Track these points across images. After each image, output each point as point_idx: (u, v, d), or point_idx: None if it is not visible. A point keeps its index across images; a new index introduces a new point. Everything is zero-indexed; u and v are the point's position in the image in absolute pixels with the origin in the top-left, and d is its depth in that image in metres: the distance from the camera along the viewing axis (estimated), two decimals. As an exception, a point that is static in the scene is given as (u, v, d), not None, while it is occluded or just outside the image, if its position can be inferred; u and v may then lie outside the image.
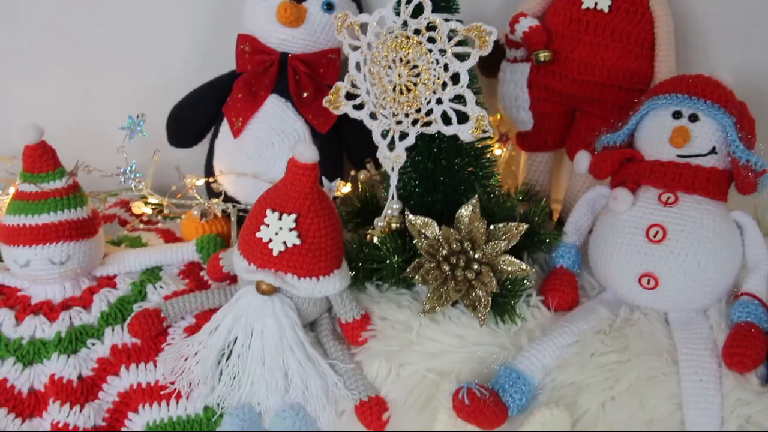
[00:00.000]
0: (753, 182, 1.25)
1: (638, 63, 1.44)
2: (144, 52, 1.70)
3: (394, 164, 1.31)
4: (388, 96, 1.28)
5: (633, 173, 1.31)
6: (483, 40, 1.20)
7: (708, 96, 1.27)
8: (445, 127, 1.25)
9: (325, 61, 1.52)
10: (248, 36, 1.53)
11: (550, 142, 1.58)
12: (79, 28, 1.68)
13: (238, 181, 1.51)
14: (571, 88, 1.47)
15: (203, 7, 1.66)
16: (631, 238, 1.26)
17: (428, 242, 1.26)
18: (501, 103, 1.57)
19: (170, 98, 1.59)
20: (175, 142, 1.61)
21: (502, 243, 1.24)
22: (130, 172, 1.48)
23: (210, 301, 1.32)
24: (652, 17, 1.44)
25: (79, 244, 1.30)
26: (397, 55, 1.25)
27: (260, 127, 1.50)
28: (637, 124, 1.33)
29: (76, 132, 1.71)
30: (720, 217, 1.26)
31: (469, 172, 1.34)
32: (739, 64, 1.53)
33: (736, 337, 1.18)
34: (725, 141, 1.27)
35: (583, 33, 1.44)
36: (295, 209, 1.17)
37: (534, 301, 1.29)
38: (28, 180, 1.29)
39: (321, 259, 1.19)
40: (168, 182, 1.57)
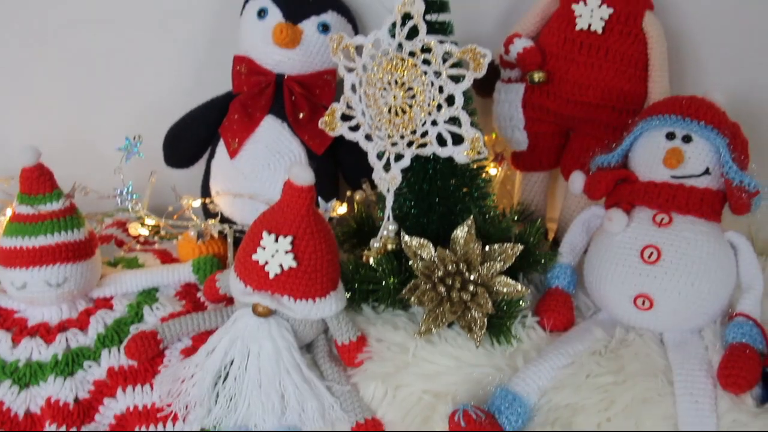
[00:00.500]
0: (746, 203, 1.26)
1: (632, 83, 1.45)
2: (141, 73, 1.71)
3: (389, 186, 1.32)
4: (383, 117, 1.29)
5: (627, 194, 1.32)
6: (477, 62, 1.21)
7: (701, 117, 1.27)
8: (440, 149, 1.26)
9: (321, 82, 1.52)
10: (244, 57, 1.53)
11: (544, 161, 1.58)
12: (76, 49, 1.69)
13: (234, 201, 1.51)
14: (566, 109, 1.48)
15: (200, 29, 1.67)
16: (626, 259, 1.26)
17: (424, 264, 1.27)
18: (496, 123, 1.57)
19: (167, 119, 1.60)
20: (172, 162, 1.62)
21: (498, 264, 1.25)
22: (126, 194, 1.48)
23: (206, 322, 1.32)
24: (645, 38, 1.45)
25: (76, 266, 1.31)
26: (392, 77, 1.26)
27: (256, 148, 1.50)
28: (631, 144, 1.34)
29: (73, 152, 1.71)
30: (714, 238, 1.26)
31: (464, 193, 1.34)
32: (732, 85, 1.53)
33: (731, 358, 1.18)
34: (718, 162, 1.27)
35: (577, 54, 1.45)
36: (291, 231, 1.18)
37: (529, 322, 1.29)
38: (25, 202, 1.30)
39: (317, 281, 1.20)
40: (165, 203, 1.58)
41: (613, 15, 1.43)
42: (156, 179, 1.54)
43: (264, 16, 1.50)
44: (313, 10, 1.51)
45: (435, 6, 1.27)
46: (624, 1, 1.43)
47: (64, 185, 1.34)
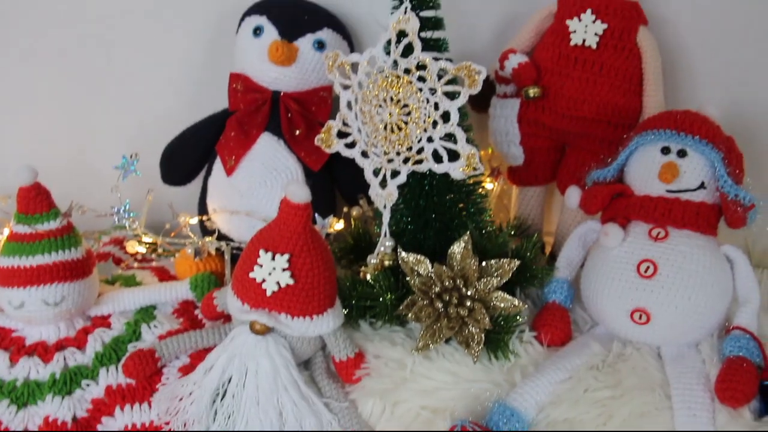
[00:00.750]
0: (742, 217, 1.26)
1: (627, 98, 1.45)
2: (138, 91, 1.71)
3: (386, 202, 1.33)
4: (379, 134, 1.29)
5: (623, 208, 1.32)
6: (472, 78, 1.22)
7: (696, 132, 1.28)
8: (436, 165, 1.27)
9: (317, 99, 1.53)
10: (240, 75, 1.54)
11: (540, 176, 1.59)
12: (72, 67, 1.70)
13: (231, 219, 1.52)
14: (561, 124, 1.49)
15: (196, 46, 1.68)
16: (623, 274, 1.26)
17: (421, 280, 1.27)
18: (492, 138, 1.58)
19: (164, 137, 1.60)
20: (169, 180, 1.62)
21: (495, 279, 1.25)
22: (124, 212, 1.48)
23: (204, 340, 1.32)
24: (639, 53, 1.45)
25: (74, 284, 1.31)
26: (387, 94, 1.26)
27: (253, 165, 1.51)
28: (626, 159, 1.34)
29: (71, 170, 1.73)
30: (710, 252, 1.26)
31: (460, 209, 1.35)
32: (726, 98, 1.54)
33: (728, 372, 1.18)
34: (714, 176, 1.28)
35: (571, 69, 1.45)
36: (288, 249, 1.18)
37: (527, 337, 1.29)
38: (23, 221, 1.30)
39: (314, 299, 1.20)
40: (162, 220, 1.58)
41: (608, 30, 1.44)
42: (153, 197, 1.54)
43: (260, 33, 1.51)
44: (309, 27, 1.51)
45: (430, 23, 1.28)
46: (618, 16, 1.44)
47: (61, 203, 1.34)
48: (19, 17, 1.67)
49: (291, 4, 1.55)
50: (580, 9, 1.45)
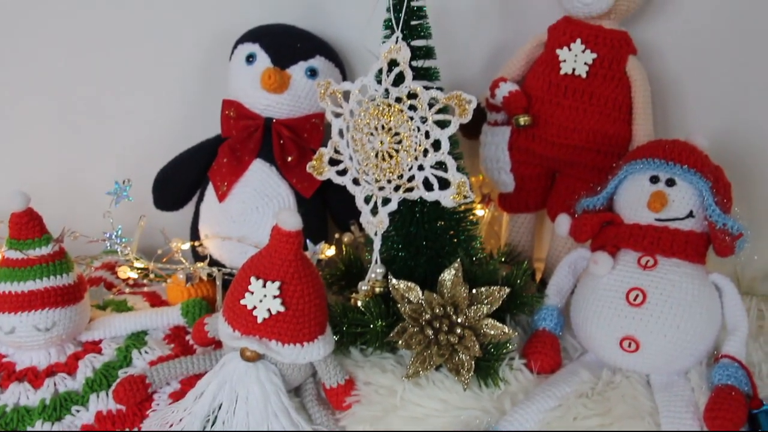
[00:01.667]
0: (730, 245, 1.27)
1: (616, 127, 1.47)
2: (130, 116, 1.72)
3: (377, 229, 1.33)
4: (370, 162, 1.30)
5: (612, 237, 1.33)
6: (463, 108, 1.23)
7: (684, 161, 1.29)
8: (426, 193, 1.27)
9: (309, 126, 1.54)
10: (233, 102, 1.55)
11: (531, 203, 1.60)
12: (65, 92, 1.71)
13: (223, 244, 1.52)
14: (551, 152, 1.50)
15: (189, 73, 1.69)
16: (612, 302, 1.27)
17: (411, 307, 1.27)
18: (482, 165, 1.59)
19: (156, 162, 1.61)
20: (161, 205, 1.63)
21: (485, 307, 1.26)
22: (116, 237, 1.49)
23: (195, 366, 1.32)
24: (629, 82, 1.47)
25: (65, 310, 1.31)
26: (379, 122, 1.27)
27: (245, 191, 1.52)
28: (615, 188, 1.36)
29: (63, 194, 1.73)
30: (699, 280, 1.27)
31: (451, 236, 1.35)
32: (715, 127, 1.56)
33: (717, 400, 1.18)
34: (702, 205, 1.29)
35: (562, 98, 1.47)
36: (279, 277, 1.19)
37: (517, 364, 1.30)
38: (14, 247, 1.30)
39: (305, 326, 1.20)
40: (154, 244, 1.58)
41: (597, 60, 1.45)
42: (145, 222, 1.54)
43: (252, 61, 1.52)
44: (301, 55, 1.53)
45: (421, 52, 1.29)
46: (607, 46, 1.45)
47: (53, 226, 1.34)
48: (12, 42, 1.68)
49: (283, 32, 1.56)
50: (570, 39, 1.46)
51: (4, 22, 1.67)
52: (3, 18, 1.66)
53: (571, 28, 1.47)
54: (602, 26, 1.46)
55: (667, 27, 1.56)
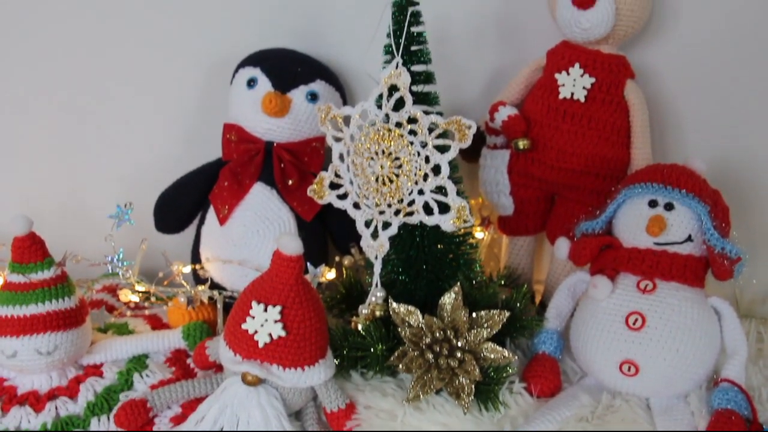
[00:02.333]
0: (728, 269, 1.28)
1: (615, 150, 1.48)
2: (131, 140, 1.73)
3: (377, 253, 1.34)
4: (370, 186, 1.31)
5: (611, 260, 1.33)
6: (462, 133, 1.23)
7: (682, 185, 1.30)
8: (426, 218, 1.28)
9: (310, 150, 1.55)
10: (234, 125, 1.56)
11: (530, 226, 1.60)
12: (67, 115, 1.72)
13: (224, 267, 1.53)
14: (550, 175, 1.51)
15: (190, 97, 1.70)
16: (611, 326, 1.28)
17: (412, 331, 1.28)
18: (482, 188, 1.60)
19: (158, 185, 1.62)
20: (163, 228, 1.63)
21: (485, 331, 1.26)
22: (117, 261, 1.49)
23: (196, 390, 1.32)
24: (627, 106, 1.48)
25: (67, 334, 1.31)
26: (379, 147, 1.28)
27: (246, 214, 1.52)
28: (614, 212, 1.37)
29: (65, 217, 1.74)
30: (698, 304, 1.28)
31: (451, 259, 1.36)
32: (713, 150, 1.56)
33: (716, 425, 1.19)
34: (700, 229, 1.30)
35: (560, 122, 1.48)
36: (280, 301, 1.19)
37: (517, 388, 1.30)
38: (17, 270, 1.31)
39: (306, 350, 1.21)
40: (155, 266, 1.58)
41: (595, 84, 1.46)
42: (147, 245, 1.55)
43: (253, 85, 1.53)
44: (302, 79, 1.54)
45: (421, 77, 1.30)
46: (606, 70, 1.46)
47: (55, 249, 1.35)
48: (14, 65, 1.69)
49: (284, 57, 1.58)
50: (569, 63, 1.47)
51: (6, 46, 1.68)
52: (5, 42, 1.67)
53: (570, 52, 1.48)
54: (600, 51, 1.47)
55: (665, 51, 1.57)
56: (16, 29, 1.67)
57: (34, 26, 1.66)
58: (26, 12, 1.65)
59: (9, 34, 1.67)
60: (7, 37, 1.68)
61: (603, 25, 1.42)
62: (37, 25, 1.66)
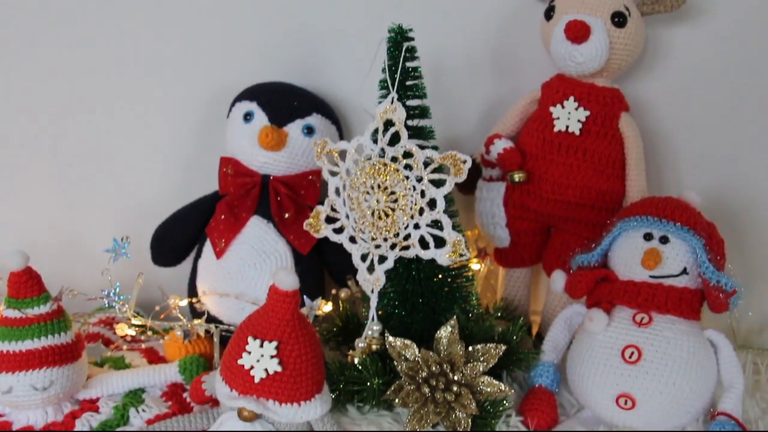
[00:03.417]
0: (724, 302, 1.28)
1: (610, 183, 1.48)
2: (128, 173, 1.73)
3: (373, 287, 1.34)
4: (366, 221, 1.31)
5: (607, 293, 1.34)
6: (458, 167, 1.24)
7: (677, 218, 1.30)
8: (422, 252, 1.28)
9: (306, 183, 1.55)
10: (231, 159, 1.57)
11: (527, 258, 1.61)
12: (64, 148, 1.72)
13: (220, 301, 1.53)
14: (546, 207, 1.51)
15: (187, 130, 1.71)
16: (607, 359, 1.28)
17: (408, 364, 1.28)
18: (478, 220, 1.60)
19: (155, 218, 1.62)
20: (159, 261, 1.63)
21: (481, 365, 1.26)
22: (114, 295, 1.49)
23: (192, 424, 1.31)
24: (622, 138, 1.48)
25: (62, 369, 1.31)
26: (375, 181, 1.29)
27: (243, 248, 1.52)
28: (609, 244, 1.37)
29: (62, 250, 1.74)
30: (694, 337, 1.28)
31: (447, 292, 1.36)
32: (708, 182, 1.57)
33: (714, 458, 1.19)
34: (696, 262, 1.30)
35: (556, 154, 1.48)
36: (276, 336, 1.19)
37: (513, 422, 1.30)
38: (13, 306, 1.30)
39: (302, 385, 1.20)
40: (152, 299, 1.58)
41: (590, 117, 1.47)
42: (143, 278, 1.55)
43: (250, 119, 1.54)
44: (298, 113, 1.54)
45: (416, 112, 1.31)
46: (600, 103, 1.47)
47: (52, 282, 1.35)
48: (10, 97, 1.70)
49: (280, 90, 1.58)
50: (563, 96, 1.48)
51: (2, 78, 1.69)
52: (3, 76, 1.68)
53: (564, 85, 1.49)
54: (594, 84, 1.48)
55: (659, 83, 1.58)
56: (12, 61, 1.67)
57: (30, 58, 1.67)
58: (23, 44, 1.66)
59: (4, 66, 1.68)
60: (3, 69, 1.68)
61: (597, 59, 1.43)
62: (33, 58, 1.67)
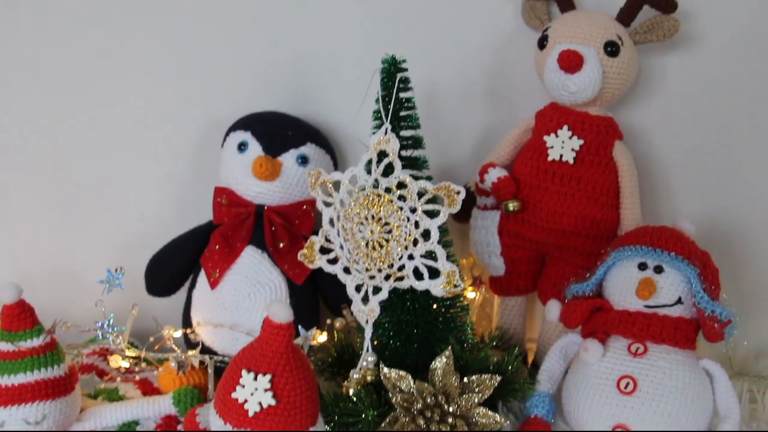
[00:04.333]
0: (719, 332, 1.28)
1: (604, 211, 1.48)
2: (122, 203, 1.73)
3: (368, 318, 1.34)
4: (360, 251, 1.31)
5: (602, 323, 1.33)
6: (452, 198, 1.24)
7: (671, 248, 1.30)
8: (417, 283, 1.28)
9: (300, 213, 1.55)
10: (225, 189, 1.57)
11: (522, 286, 1.60)
12: (57, 177, 1.72)
13: (215, 331, 1.52)
14: (541, 236, 1.51)
15: (181, 159, 1.70)
16: (603, 390, 1.27)
17: (403, 396, 1.27)
18: (473, 248, 1.60)
19: (149, 248, 1.61)
20: (154, 291, 1.63)
21: (476, 396, 1.26)
22: (108, 327, 1.48)
23: (186, 457, 1.32)
24: (616, 167, 1.48)
25: (55, 402, 1.30)
26: (369, 212, 1.28)
27: (237, 278, 1.52)
28: (604, 274, 1.37)
29: (55, 280, 1.73)
30: (689, 367, 1.28)
31: (442, 322, 1.36)
32: (703, 210, 1.57)
33: (710, 490, 1.19)
34: (690, 291, 1.30)
35: (550, 183, 1.48)
36: (270, 369, 1.18)
37: (510, 453, 1.30)
38: (5, 339, 1.29)
39: (296, 418, 1.19)
40: (146, 328, 1.58)
41: (584, 146, 1.47)
42: (138, 308, 1.54)
43: (244, 149, 1.54)
44: (292, 143, 1.54)
45: (410, 142, 1.31)
46: (594, 132, 1.47)
47: (45, 313, 1.34)
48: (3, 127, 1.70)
49: (275, 120, 1.58)
50: (557, 126, 1.48)
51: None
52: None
53: (558, 114, 1.49)
54: (588, 112, 1.48)
55: (653, 111, 1.59)
56: (6, 91, 1.68)
57: (23, 88, 1.67)
58: (16, 75, 1.67)
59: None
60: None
61: (590, 88, 1.43)
62: (26, 87, 1.67)
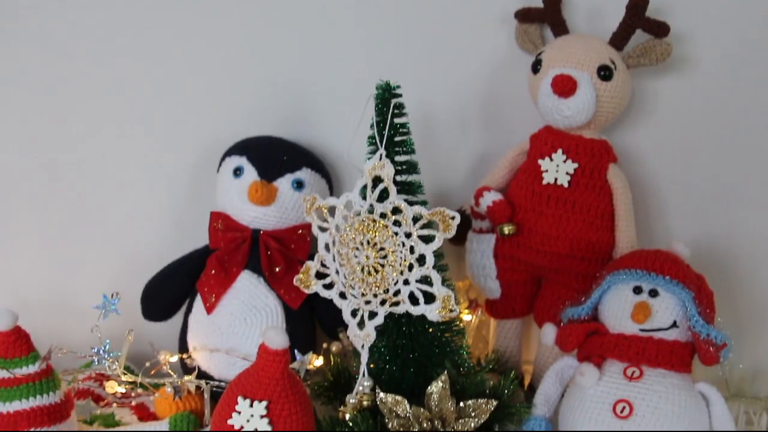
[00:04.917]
0: (715, 356, 1.28)
1: (599, 234, 1.48)
2: (118, 228, 1.73)
3: (364, 342, 1.34)
4: (356, 276, 1.31)
5: (598, 347, 1.33)
6: (447, 223, 1.24)
7: (666, 272, 1.30)
8: (412, 308, 1.28)
9: (296, 237, 1.55)
10: (221, 214, 1.57)
11: (518, 309, 1.61)
12: (53, 202, 1.72)
13: (211, 356, 1.52)
14: (536, 259, 1.51)
15: (177, 184, 1.71)
16: (599, 414, 1.27)
17: (399, 421, 1.27)
18: (468, 271, 1.60)
19: (145, 273, 1.62)
20: (150, 316, 1.63)
21: (473, 420, 1.26)
22: (104, 352, 1.48)
23: (182, 484, 1.31)
24: (610, 190, 1.49)
25: (51, 430, 1.30)
26: (364, 237, 1.29)
27: (233, 303, 1.52)
28: (599, 298, 1.37)
29: (50, 304, 1.73)
30: (685, 391, 1.27)
31: (438, 346, 1.36)
32: (697, 231, 1.58)
33: None
34: (686, 315, 1.30)
35: (545, 206, 1.49)
36: (266, 396, 1.18)
37: (506, 478, 1.30)
38: (1, 366, 1.29)
39: (292, 445, 1.20)
40: (142, 353, 1.57)
41: (578, 169, 1.47)
42: (134, 333, 1.54)
43: (240, 174, 1.55)
44: (288, 167, 1.55)
45: (405, 168, 1.31)
46: (588, 155, 1.48)
47: (41, 338, 1.34)
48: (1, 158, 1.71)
49: (270, 145, 1.59)
50: (552, 149, 1.49)
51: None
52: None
53: (552, 138, 1.50)
54: (582, 136, 1.49)
55: (647, 133, 1.59)
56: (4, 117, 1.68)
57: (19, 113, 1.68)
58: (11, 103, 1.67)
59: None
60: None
61: (584, 112, 1.44)
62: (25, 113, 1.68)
